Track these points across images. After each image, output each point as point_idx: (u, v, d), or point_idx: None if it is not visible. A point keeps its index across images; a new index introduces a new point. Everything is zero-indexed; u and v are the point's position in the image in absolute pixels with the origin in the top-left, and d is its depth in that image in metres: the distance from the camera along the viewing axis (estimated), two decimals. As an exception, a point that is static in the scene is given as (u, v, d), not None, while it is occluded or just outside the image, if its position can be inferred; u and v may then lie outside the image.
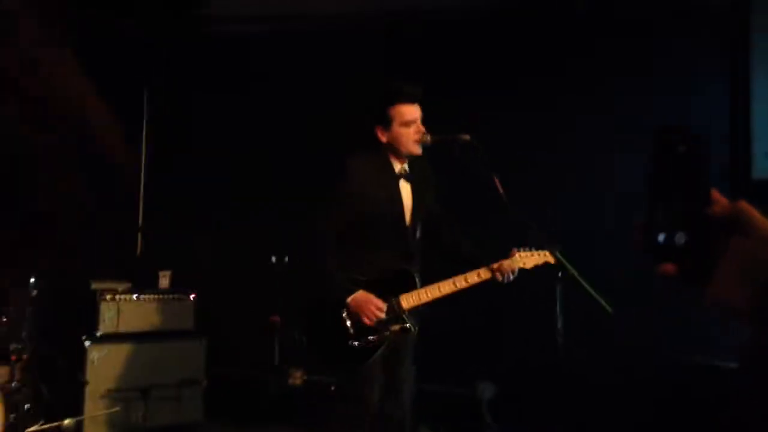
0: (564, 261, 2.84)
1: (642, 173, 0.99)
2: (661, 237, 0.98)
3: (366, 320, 3.06)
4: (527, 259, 3.11)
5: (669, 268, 0.99)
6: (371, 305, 3.07)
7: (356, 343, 3.06)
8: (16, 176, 5.14)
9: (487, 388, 5.00)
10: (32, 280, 4.07)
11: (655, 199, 0.99)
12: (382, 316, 3.08)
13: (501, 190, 3.01)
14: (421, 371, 3.29)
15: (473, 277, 3.13)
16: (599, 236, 4.65)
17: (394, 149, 3.21)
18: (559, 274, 2.84)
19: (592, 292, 2.78)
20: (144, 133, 6.09)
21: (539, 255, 3.11)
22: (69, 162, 5.40)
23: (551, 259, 3.06)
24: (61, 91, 5.30)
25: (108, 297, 4.79)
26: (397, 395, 3.23)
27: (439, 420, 4.92)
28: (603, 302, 2.80)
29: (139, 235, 6.04)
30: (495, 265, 3.10)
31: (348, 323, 3.09)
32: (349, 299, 3.07)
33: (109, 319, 4.74)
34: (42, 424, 3.69)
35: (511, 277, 3.11)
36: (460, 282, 3.13)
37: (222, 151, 5.73)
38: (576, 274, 2.80)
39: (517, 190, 3.05)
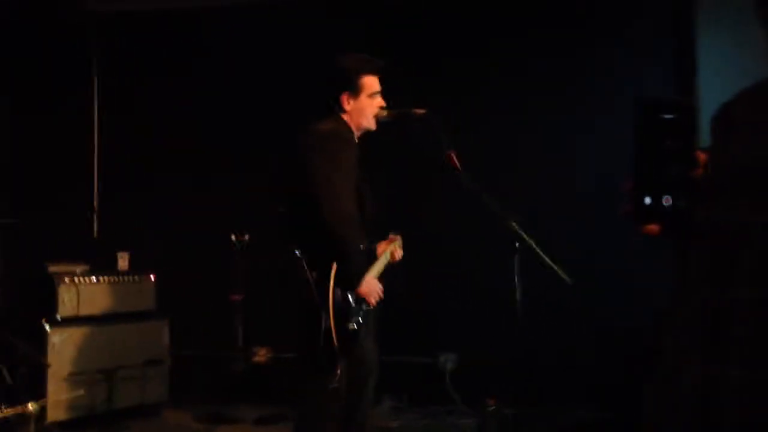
0: (521, 232, 2.90)
1: (592, 142, 1.05)
2: (647, 200, 1.06)
3: (373, 302, 3.01)
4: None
5: (653, 228, 1.08)
6: (378, 286, 3.06)
7: (353, 325, 2.95)
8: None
9: (449, 358, 5.10)
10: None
11: (642, 165, 1.07)
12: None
13: (457, 164, 3.04)
14: (384, 342, 3.34)
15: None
16: (555, 207, 4.76)
17: (355, 120, 3.12)
18: (516, 245, 2.91)
19: (550, 262, 2.85)
20: (96, 112, 5.98)
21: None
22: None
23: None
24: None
25: (66, 280, 4.74)
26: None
27: (401, 390, 5.02)
28: (561, 273, 2.87)
29: (95, 216, 5.96)
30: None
31: (351, 303, 2.97)
32: (365, 279, 2.99)
33: (68, 301, 4.69)
34: (5, 409, 3.67)
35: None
36: (387, 257, 3.21)
37: (177, 129, 5.65)
38: (533, 244, 2.87)
39: (474, 163, 3.09)
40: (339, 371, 2.92)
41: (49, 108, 5.69)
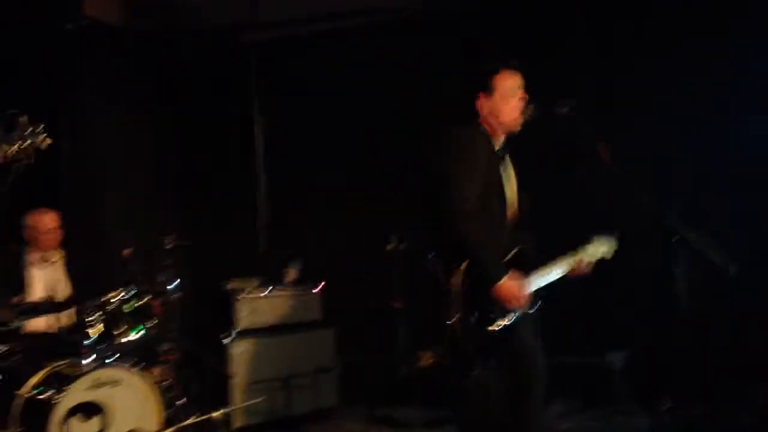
0: (679, 225, 2.77)
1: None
2: None
3: (513, 306, 2.92)
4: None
5: None
6: (520, 290, 2.94)
7: (494, 329, 2.91)
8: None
9: (617, 357, 4.93)
10: (174, 284, 4.39)
11: None
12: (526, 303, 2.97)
13: (608, 159, 2.95)
14: (551, 344, 3.28)
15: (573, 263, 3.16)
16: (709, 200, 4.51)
17: (493, 121, 3.11)
18: (676, 238, 2.78)
19: (711, 252, 2.70)
20: (259, 134, 6.39)
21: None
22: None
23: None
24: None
25: (242, 295, 5.10)
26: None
27: (571, 392, 4.91)
28: (724, 262, 2.71)
29: (263, 233, 6.35)
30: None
31: (491, 305, 2.91)
32: (501, 281, 2.90)
33: (245, 315, 5.05)
34: (195, 417, 4.00)
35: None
36: (565, 267, 3.14)
37: (336, 145, 5.92)
38: (693, 236, 2.73)
39: (621, 157, 3.00)
40: (476, 373, 2.89)
41: (216, 134, 6.19)
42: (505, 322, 2.94)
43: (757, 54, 4.68)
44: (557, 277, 3.14)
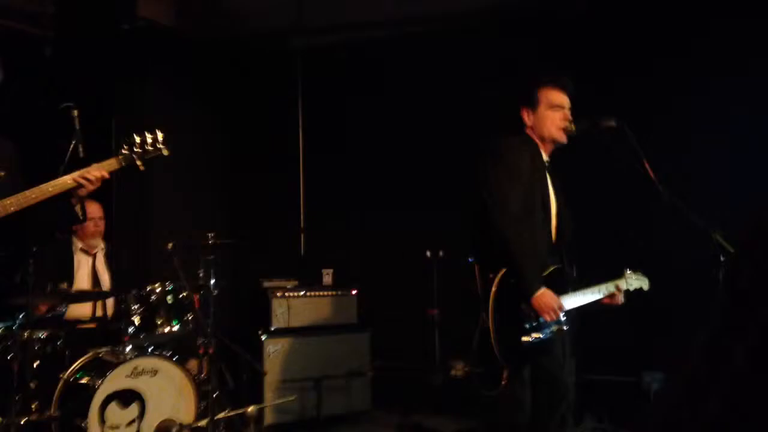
0: (725, 243, 2.74)
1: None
2: None
3: (547, 318, 2.91)
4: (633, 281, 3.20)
5: None
6: (557, 304, 2.93)
7: (528, 339, 2.90)
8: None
9: (654, 378, 4.85)
10: (213, 281, 4.46)
11: None
12: (561, 317, 2.96)
13: (653, 175, 2.94)
14: (587, 361, 3.25)
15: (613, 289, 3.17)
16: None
17: (537, 133, 3.14)
18: (721, 257, 2.74)
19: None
20: (301, 139, 6.47)
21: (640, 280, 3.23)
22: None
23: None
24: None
25: (278, 294, 5.16)
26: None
27: (603, 409, 4.85)
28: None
29: (302, 236, 6.42)
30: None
31: (527, 315, 2.91)
32: (538, 293, 2.90)
33: (280, 314, 5.11)
34: (229, 411, 4.06)
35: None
36: (603, 292, 3.13)
37: (375, 151, 5.95)
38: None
39: (668, 174, 2.97)
40: (504, 383, 2.87)
41: (261, 138, 6.29)
42: (540, 335, 2.93)
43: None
44: (592, 300, 3.13)
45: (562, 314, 2.96)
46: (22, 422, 3.51)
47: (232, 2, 5.81)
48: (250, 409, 4.01)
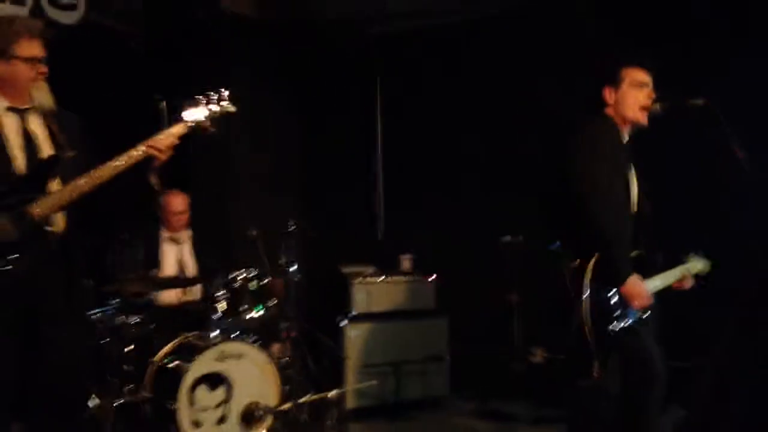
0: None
1: None
2: None
3: (636, 305, 2.85)
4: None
5: None
6: (645, 291, 2.88)
7: (618, 326, 2.85)
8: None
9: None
10: (294, 267, 4.56)
11: None
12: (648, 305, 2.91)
13: (742, 156, 2.81)
14: (673, 349, 3.16)
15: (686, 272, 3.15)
16: None
17: (619, 113, 3.04)
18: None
19: None
20: (379, 125, 6.50)
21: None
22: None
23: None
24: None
25: (358, 280, 5.22)
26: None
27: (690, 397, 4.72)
28: None
29: (380, 221, 6.46)
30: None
31: (616, 302, 2.85)
32: (631, 278, 2.84)
33: (360, 300, 5.18)
34: (311, 395, 4.15)
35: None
36: (676, 275, 3.13)
37: (452, 136, 5.93)
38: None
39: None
40: (596, 372, 2.81)
41: (337, 123, 6.35)
42: (629, 321, 2.87)
43: None
44: (665, 286, 3.06)
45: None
46: (116, 404, 3.70)
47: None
48: (332, 393, 4.09)
